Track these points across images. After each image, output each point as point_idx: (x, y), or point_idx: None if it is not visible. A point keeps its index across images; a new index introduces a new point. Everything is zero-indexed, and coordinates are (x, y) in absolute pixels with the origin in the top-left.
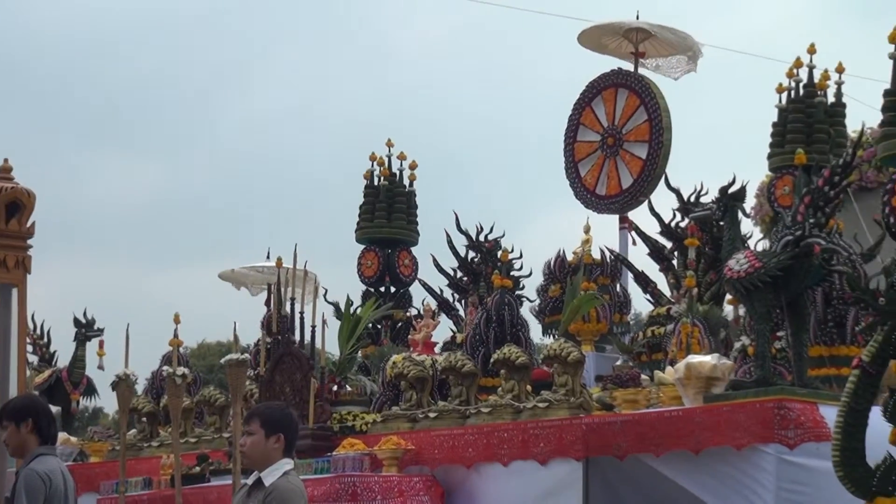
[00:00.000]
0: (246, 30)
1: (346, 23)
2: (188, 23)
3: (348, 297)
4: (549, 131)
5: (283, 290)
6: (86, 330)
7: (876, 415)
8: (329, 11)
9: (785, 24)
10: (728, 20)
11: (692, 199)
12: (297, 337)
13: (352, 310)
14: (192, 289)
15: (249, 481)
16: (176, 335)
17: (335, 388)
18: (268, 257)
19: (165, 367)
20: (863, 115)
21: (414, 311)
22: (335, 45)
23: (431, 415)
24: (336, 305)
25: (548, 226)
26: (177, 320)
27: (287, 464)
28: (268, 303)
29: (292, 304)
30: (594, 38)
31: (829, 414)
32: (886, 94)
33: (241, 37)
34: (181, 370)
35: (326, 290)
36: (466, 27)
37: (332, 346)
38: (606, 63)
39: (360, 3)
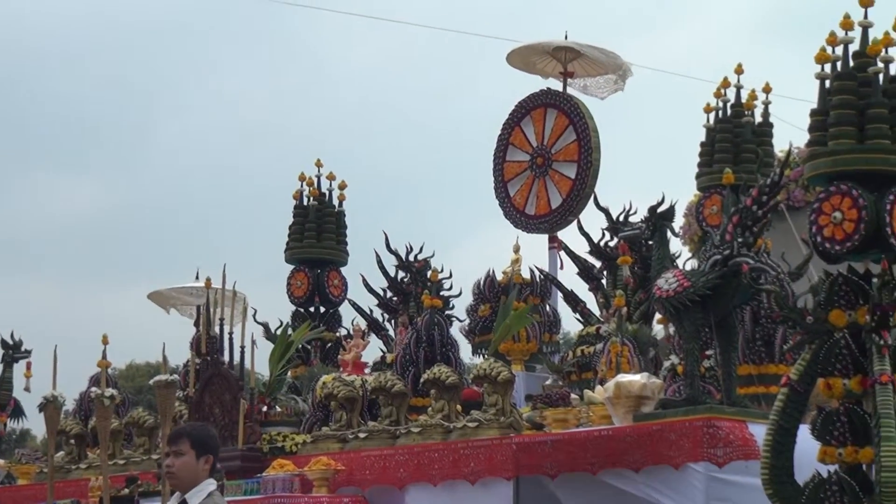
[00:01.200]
0: (181, 49)
1: (281, 43)
2: (123, 40)
3: (281, 321)
4: (478, 151)
5: (212, 310)
6: (13, 351)
7: (804, 433)
8: (264, 32)
9: (714, 44)
10: (658, 40)
11: (621, 218)
12: (227, 357)
13: (280, 330)
14: (120, 309)
15: (173, 503)
16: (104, 356)
17: (265, 408)
18: (197, 278)
19: (94, 389)
20: (790, 135)
21: (344, 332)
22: (269, 66)
23: (361, 435)
24: (266, 326)
25: (477, 246)
26: (105, 341)
27: (211, 484)
28: (197, 323)
29: (221, 325)
30: (523, 58)
31: (758, 432)
32: (813, 113)
33: (176, 55)
34: (109, 391)
35: (256, 311)
36: (399, 48)
37: (261, 366)
38: (536, 83)
39: (296, 23)
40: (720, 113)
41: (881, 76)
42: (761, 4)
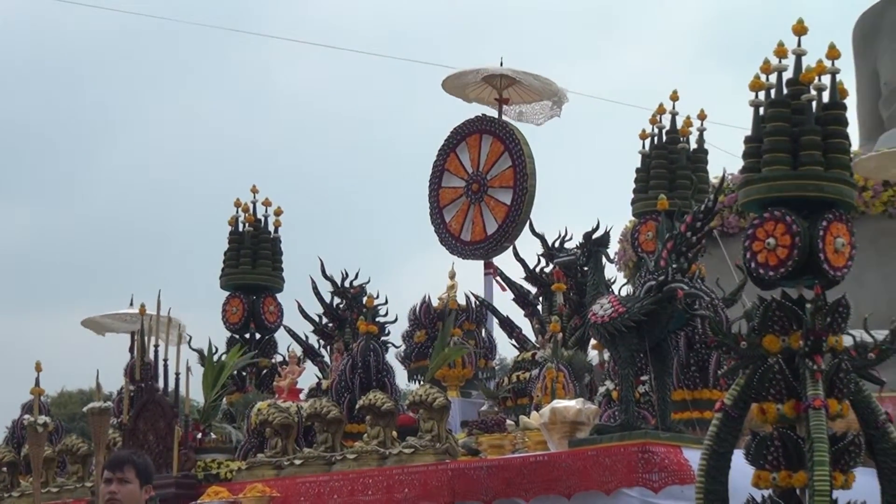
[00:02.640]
0: (120, 74)
1: (221, 69)
2: (57, 65)
3: (210, 342)
4: (414, 177)
5: (146, 336)
6: None
7: (738, 457)
8: (200, 57)
9: (653, 71)
10: (597, 68)
11: (556, 244)
12: (161, 384)
13: (216, 356)
14: (53, 336)
15: None
16: (37, 383)
17: (199, 435)
18: (131, 304)
19: (26, 416)
20: (724, 162)
21: (279, 358)
22: (204, 92)
23: (297, 462)
24: (201, 352)
25: (413, 272)
26: (38, 368)
27: None
28: (131, 350)
29: (156, 352)
30: (458, 85)
31: (693, 457)
32: (747, 140)
33: (115, 81)
34: (42, 419)
35: (191, 337)
36: (337, 74)
37: (196, 393)
38: (472, 109)
39: (233, 49)
40: (655, 139)
41: (814, 104)
42: (700, 33)
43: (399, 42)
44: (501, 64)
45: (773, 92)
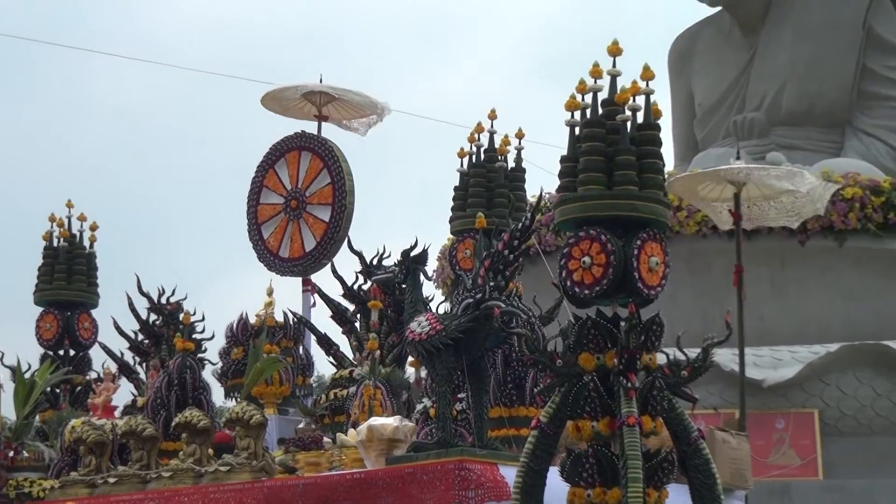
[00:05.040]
0: None
1: (34, 82)
2: None
3: (18, 359)
4: (233, 194)
5: None
6: None
7: (554, 475)
8: (28, 69)
9: (476, 90)
10: (420, 85)
11: (375, 261)
12: None
13: (27, 373)
14: None
15: None
16: None
17: (11, 453)
18: None
19: None
20: (542, 180)
21: (94, 375)
22: (26, 104)
23: (111, 480)
24: (13, 369)
25: (231, 288)
26: None
27: None
28: None
29: None
30: (277, 101)
31: (509, 474)
32: (563, 160)
33: None
34: None
35: (3, 354)
36: (157, 90)
37: (8, 410)
38: (291, 125)
39: (54, 63)
40: (474, 158)
41: (629, 124)
42: (521, 53)
43: (223, 58)
44: (321, 81)
45: (588, 112)
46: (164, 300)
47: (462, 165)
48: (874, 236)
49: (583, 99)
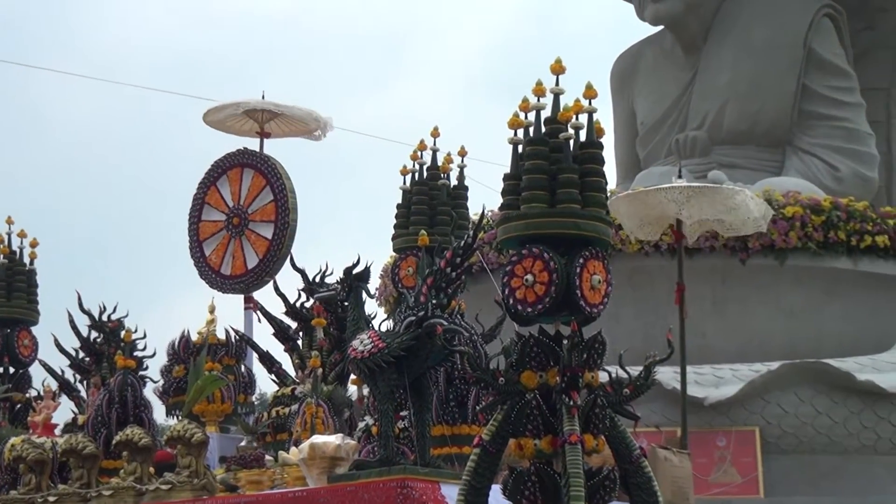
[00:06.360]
0: None
1: None
2: None
3: None
4: (175, 211)
5: None
6: None
7: (496, 492)
8: None
9: (420, 108)
10: (361, 103)
11: (317, 279)
12: None
13: None
14: None
15: None
16: None
17: None
18: None
19: None
20: (485, 198)
21: (34, 392)
22: None
23: (51, 498)
24: None
25: (172, 306)
26: None
27: None
28: None
29: None
30: (218, 118)
31: (451, 492)
32: (506, 178)
33: None
34: None
35: None
36: (101, 107)
37: None
38: (234, 142)
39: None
40: (416, 175)
41: (571, 142)
42: (465, 71)
43: (167, 75)
44: (263, 97)
45: (531, 130)
46: (105, 317)
47: (405, 183)
48: (814, 255)
49: (526, 117)
